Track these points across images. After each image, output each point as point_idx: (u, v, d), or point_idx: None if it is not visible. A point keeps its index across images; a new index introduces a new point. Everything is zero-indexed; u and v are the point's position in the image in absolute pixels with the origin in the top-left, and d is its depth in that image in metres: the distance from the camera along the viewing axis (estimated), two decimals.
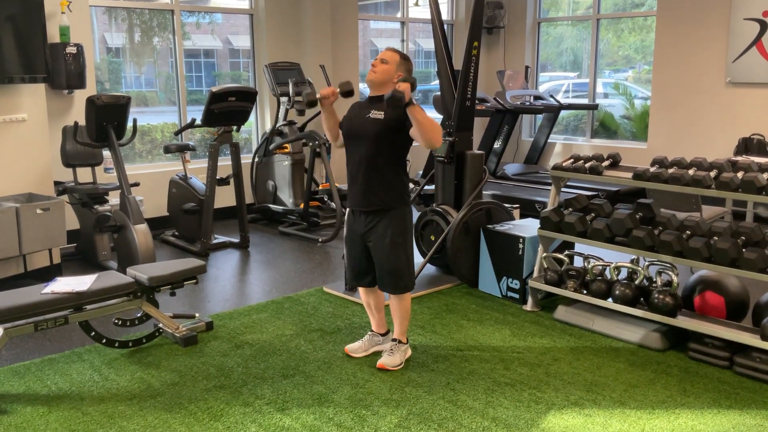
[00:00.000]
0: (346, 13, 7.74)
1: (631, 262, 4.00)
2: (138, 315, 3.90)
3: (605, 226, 3.95)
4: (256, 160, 6.98)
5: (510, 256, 4.51)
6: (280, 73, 6.67)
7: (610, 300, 3.95)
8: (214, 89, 5.53)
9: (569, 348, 3.79)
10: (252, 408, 3.12)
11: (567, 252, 4.32)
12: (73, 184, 5.34)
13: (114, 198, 5.44)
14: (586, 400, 3.20)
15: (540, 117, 8.83)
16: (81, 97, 5.57)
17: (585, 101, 8.76)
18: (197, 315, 4.11)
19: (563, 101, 8.53)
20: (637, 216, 3.93)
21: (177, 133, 6.24)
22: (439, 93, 5.09)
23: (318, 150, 6.28)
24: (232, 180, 5.96)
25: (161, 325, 3.85)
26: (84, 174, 5.49)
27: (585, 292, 4.09)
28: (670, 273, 3.79)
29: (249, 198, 6.92)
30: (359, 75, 8.05)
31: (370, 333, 3.74)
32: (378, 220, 3.41)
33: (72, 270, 5.23)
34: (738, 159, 3.80)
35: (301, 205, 6.51)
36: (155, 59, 6.85)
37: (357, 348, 3.69)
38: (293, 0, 7.29)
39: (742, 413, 3.08)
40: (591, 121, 8.75)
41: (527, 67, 8.86)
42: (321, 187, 6.82)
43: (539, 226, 4.31)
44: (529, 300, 4.39)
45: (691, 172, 3.74)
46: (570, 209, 4.26)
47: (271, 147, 6.68)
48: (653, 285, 3.86)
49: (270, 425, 2.97)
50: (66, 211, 5.00)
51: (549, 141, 8.63)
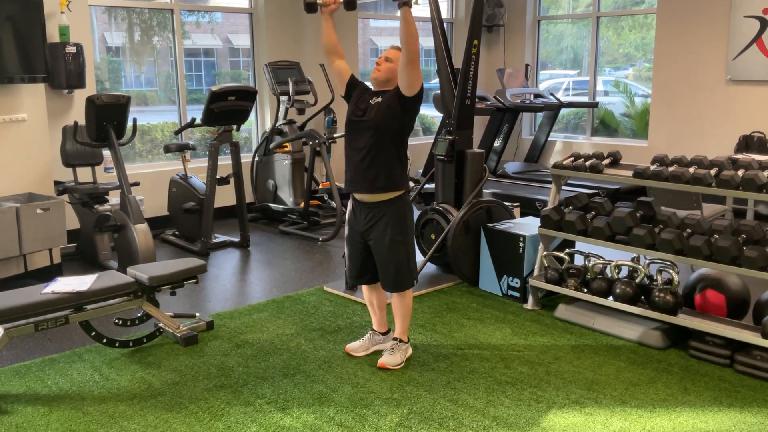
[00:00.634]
0: (345, 12, 7.67)
1: (632, 260, 3.99)
2: (138, 315, 3.90)
3: (606, 224, 3.95)
4: (256, 159, 6.97)
5: (510, 254, 4.51)
6: (279, 72, 6.67)
7: (610, 298, 3.95)
8: (213, 88, 5.53)
9: (570, 346, 3.79)
10: (253, 407, 3.12)
11: (567, 250, 4.33)
12: (73, 183, 5.34)
13: (114, 198, 5.44)
14: (586, 398, 3.20)
15: (540, 115, 8.82)
16: (81, 97, 5.57)
17: (585, 99, 8.75)
18: (198, 314, 4.11)
19: (563, 99, 8.53)
20: (638, 214, 3.92)
21: (177, 133, 6.24)
22: (439, 92, 5.09)
23: (318, 149, 6.27)
24: (232, 179, 5.95)
25: (162, 325, 3.85)
26: (84, 174, 5.50)
27: (585, 290, 4.09)
28: (670, 271, 3.79)
29: (249, 197, 6.92)
30: (359, 74, 8.05)
31: (370, 332, 3.75)
32: (378, 217, 3.41)
33: (72, 270, 5.24)
34: (738, 157, 3.80)
35: (302, 204, 6.51)
36: (155, 58, 6.85)
37: (358, 347, 3.69)
38: None
39: (743, 411, 3.08)
40: (591, 119, 8.74)
41: (527, 65, 8.85)
42: (321, 186, 6.82)
43: (540, 224, 4.31)
44: (530, 298, 4.38)
45: (692, 170, 3.73)
46: (570, 207, 4.26)
47: (271, 146, 6.67)
48: (654, 283, 3.86)
49: (271, 425, 2.97)
50: (66, 211, 5.00)
51: (549, 139, 8.62)
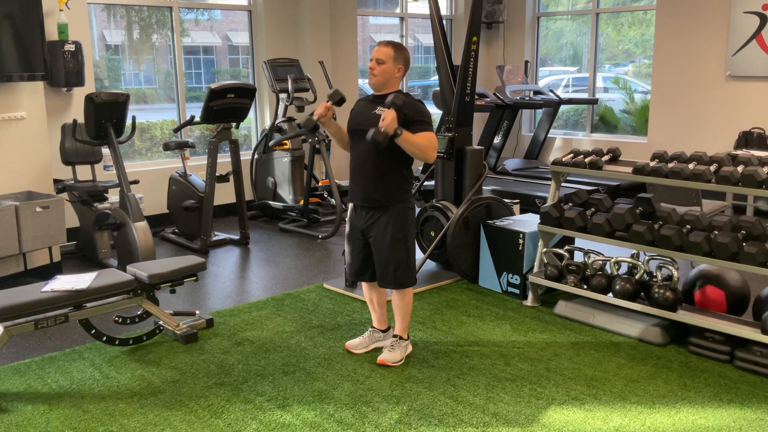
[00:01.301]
0: (344, 9, 7.73)
1: (632, 256, 3.99)
2: (138, 313, 3.90)
3: (605, 221, 3.95)
4: (255, 156, 6.97)
5: (510, 251, 4.51)
6: (279, 70, 6.66)
7: (610, 295, 3.95)
8: (213, 86, 5.52)
9: (570, 343, 3.79)
10: (252, 405, 3.12)
11: (567, 247, 4.33)
12: (73, 182, 5.34)
13: (113, 195, 5.44)
14: (586, 395, 3.20)
15: (540, 112, 8.81)
16: (80, 95, 5.57)
17: (585, 96, 8.74)
18: (197, 312, 4.11)
19: (563, 96, 8.52)
20: (637, 210, 3.92)
21: (176, 130, 6.24)
22: (439, 88, 5.09)
23: (317, 146, 6.27)
24: (231, 177, 5.95)
25: (161, 323, 3.85)
26: (83, 172, 5.49)
27: (585, 287, 4.09)
28: (670, 267, 3.79)
29: (249, 195, 6.92)
30: (359, 71, 8.05)
31: (370, 329, 3.75)
32: (379, 215, 3.40)
33: (72, 268, 5.24)
34: (738, 153, 3.79)
35: (301, 202, 6.50)
36: (154, 56, 6.84)
37: (357, 344, 3.69)
38: None
39: (742, 407, 3.08)
40: (591, 116, 8.74)
41: (527, 62, 8.84)
42: (321, 184, 6.82)
43: (539, 221, 4.30)
44: (530, 295, 4.39)
45: (691, 166, 3.73)
46: (570, 204, 4.25)
47: (271, 144, 6.67)
48: (653, 280, 3.86)
49: (270, 422, 2.98)
50: (66, 209, 5.00)
51: (549, 136, 8.61)
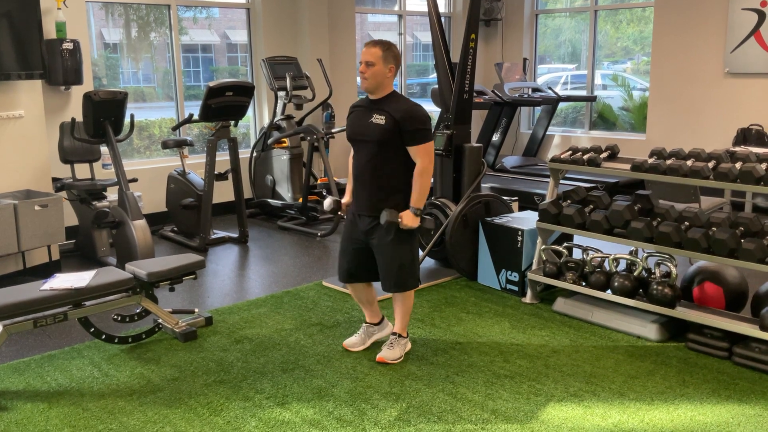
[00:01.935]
0: (343, 7, 7.72)
1: (630, 253, 4.00)
2: (137, 311, 3.91)
3: (604, 217, 3.95)
4: (254, 154, 6.97)
5: (509, 248, 4.51)
6: (277, 68, 6.66)
7: (608, 292, 3.95)
8: (211, 84, 5.52)
9: (568, 340, 3.79)
10: (252, 402, 3.12)
11: (566, 244, 4.33)
12: (71, 180, 5.33)
13: (112, 194, 5.43)
14: (585, 391, 3.20)
15: (538, 109, 8.81)
16: (78, 93, 5.57)
17: (583, 93, 8.74)
18: (196, 310, 4.12)
19: (561, 93, 8.52)
20: (636, 207, 3.92)
21: (175, 129, 6.24)
22: (437, 86, 5.08)
23: (316, 144, 6.27)
24: (230, 175, 5.95)
25: (160, 321, 3.85)
26: (82, 170, 5.49)
27: (584, 284, 4.09)
28: (668, 264, 3.79)
29: (247, 193, 6.92)
30: (357, 69, 8.04)
31: (364, 325, 3.73)
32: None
33: (71, 266, 5.24)
34: (736, 149, 3.80)
35: (300, 200, 6.51)
36: (152, 54, 6.83)
37: (355, 342, 3.69)
38: None
39: (741, 403, 3.09)
40: (589, 113, 8.74)
41: (525, 59, 8.84)
42: (319, 182, 6.82)
43: (538, 218, 4.31)
44: (528, 292, 4.39)
45: (690, 163, 3.73)
46: (568, 201, 4.25)
47: (269, 141, 6.67)
48: (652, 276, 3.86)
49: (270, 419, 2.98)
50: (64, 208, 4.99)
51: (547, 133, 8.62)
